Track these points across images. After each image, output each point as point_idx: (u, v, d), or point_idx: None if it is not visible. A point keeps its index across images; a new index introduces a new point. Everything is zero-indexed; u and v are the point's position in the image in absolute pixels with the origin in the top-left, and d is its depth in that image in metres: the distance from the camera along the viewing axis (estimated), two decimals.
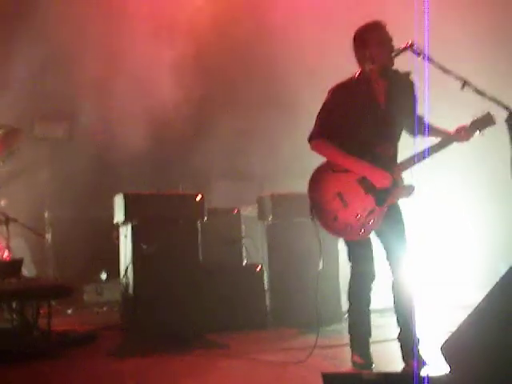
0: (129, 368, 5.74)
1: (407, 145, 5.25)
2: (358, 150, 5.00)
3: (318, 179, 5.08)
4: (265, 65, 9.94)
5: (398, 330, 5.15)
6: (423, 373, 3.69)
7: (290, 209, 7.56)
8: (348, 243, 5.15)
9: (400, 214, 5.18)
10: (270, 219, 7.76)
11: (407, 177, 5.06)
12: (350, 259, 5.19)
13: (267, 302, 7.67)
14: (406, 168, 5.03)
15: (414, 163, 5.01)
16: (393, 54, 4.96)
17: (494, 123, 4.94)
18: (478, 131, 4.99)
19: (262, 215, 7.97)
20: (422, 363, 4.99)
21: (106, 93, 9.55)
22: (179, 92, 9.46)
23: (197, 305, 6.89)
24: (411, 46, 4.90)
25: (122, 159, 9.71)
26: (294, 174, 8.48)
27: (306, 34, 9.08)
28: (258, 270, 7.69)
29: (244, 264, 8.10)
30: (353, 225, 4.94)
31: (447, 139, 5.01)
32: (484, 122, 4.98)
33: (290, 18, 9.36)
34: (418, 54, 4.90)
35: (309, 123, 5.20)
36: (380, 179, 4.94)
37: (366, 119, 5.07)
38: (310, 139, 5.14)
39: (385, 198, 4.97)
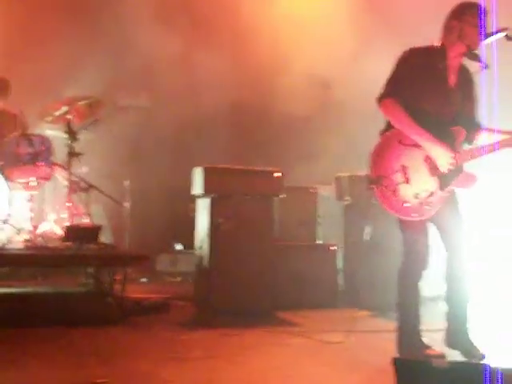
0: (197, 338, 5.82)
1: None
2: (426, 123, 4.79)
3: (383, 149, 4.83)
4: None
5: (450, 321, 5.07)
6: (495, 365, 3.63)
7: (368, 190, 7.50)
8: (404, 224, 4.93)
9: (458, 203, 5.03)
10: (347, 200, 7.72)
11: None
12: (404, 243, 4.98)
13: (340, 282, 7.66)
14: (473, 157, 4.85)
15: (483, 154, 4.84)
16: (483, 38, 4.83)
17: None
18: None
19: (339, 195, 7.94)
20: (482, 355, 4.94)
21: (189, 65, 9.64)
22: (262, 69, 9.47)
23: (269, 281, 6.91)
24: (504, 30, 4.78)
25: (203, 131, 9.79)
26: None
27: None
28: (331, 249, 7.67)
29: (318, 243, 8.09)
30: (409, 203, 4.75)
31: None
32: None
33: None
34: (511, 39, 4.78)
35: None
36: (443, 159, 4.77)
37: (434, 93, 4.89)
38: (381, 98, 4.90)
39: (449, 182, 4.81)
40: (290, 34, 9.41)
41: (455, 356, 4.96)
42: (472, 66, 5.02)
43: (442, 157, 4.79)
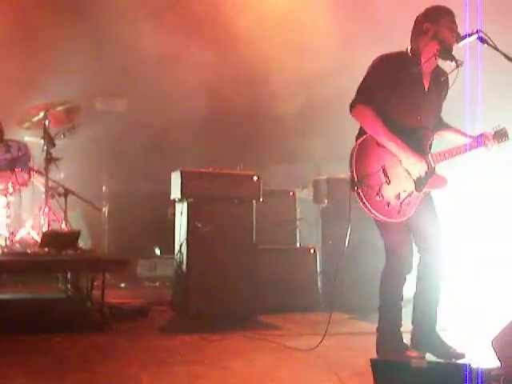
0: (177, 343, 5.81)
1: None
2: (397, 129, 4.81)
3: (363, 151, 4.79)
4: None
5: (420, 322, 5.09)
6: (475, 364, 3.66)
7: (346, 193, 7.51)
8: (383, 227, 4.96)
9: (434, 205, 5.10)
10: (325, 202, 7.75)
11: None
12: (385, 246, 5.04)
13: (319, 284, 7.68)
14: (443, 159, 4.97)
15: (453, 156, 5.00)
16: (456, 36, 4.88)
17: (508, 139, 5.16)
18: (496, 143, 5.12)
19: (317, 198, 7.96)
20: (461, 354, 4.97)
21: (167, 69, 9.63)
22: (240, 71, 9.47)
23: (249, 285, 6.92)
24: (477, 32, 4.82)
25: (180, 136, 9.78)
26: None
27: None
28: (311, 252, 7.69)
29: (297, 246, 8.10)
30: (392, 204, 4.76)
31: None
32: (501, 135, 5.14)
33: None
34: (483, 41, 4.81)
35: None
36: (414, 168, 4.83)
37: (408, 99, 4.92)
38: (353, 105, 4.86)
39: (423, 184, 4.88)
40: (270, 36, 9.41)
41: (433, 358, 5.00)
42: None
43: (414, 166, 4.84)
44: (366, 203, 4.72)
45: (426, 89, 5.02)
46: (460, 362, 4.79)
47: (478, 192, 8.22)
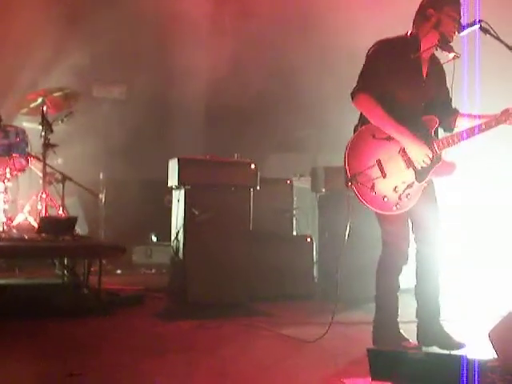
0: (174, 330, 5.83)
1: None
2: (400, 116, 4.75)
3: (357, 146, 4.76)
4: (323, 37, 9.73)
5: (423, 316, 5.10)
6: (472, 356, 3.67)
7: (343, 182, 7.50)
8: (382, 218, 4.92)
9: (435, 194, 5.06)
10: (322, 191, 7.74)
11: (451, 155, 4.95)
12: (383, 236, 5.02)
13: (315, 273, 7.69)
14: (449, 145, 4.84)
15: (459, 141, 4.83)
16: (458, 26, 4.84)
17: None
18: None
19: (314, 187, 7.94)
20: (460, 344, 4.97)
21: (164, 56, 9.63)
22: (239, 61, 9.44)
23: (245, 273, 6.92)
24: (479, 22, 4.78)
25: (178, 124, 9.78)
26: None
27: None
28: (307, 240, 7.70)
29: (294, 234, 8.11)
30: (389, 197, 4.71)
31: (495, 121, 4.86)
32: None
33: None
34: (485, 32, 4.79)
35: None
36: (419, 156, 4.74)
37: (409, 85, 4.87)
38: (355, 93, 4.82)
39: (426, 173, 4.81)
40: (277, 23, 9.35)
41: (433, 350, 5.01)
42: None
43: (418, 153, 4.76)
44: (361, 199, 4.72)
45: (424, 75, 4.98)
46: (456, 353, 4.80)
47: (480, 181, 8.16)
